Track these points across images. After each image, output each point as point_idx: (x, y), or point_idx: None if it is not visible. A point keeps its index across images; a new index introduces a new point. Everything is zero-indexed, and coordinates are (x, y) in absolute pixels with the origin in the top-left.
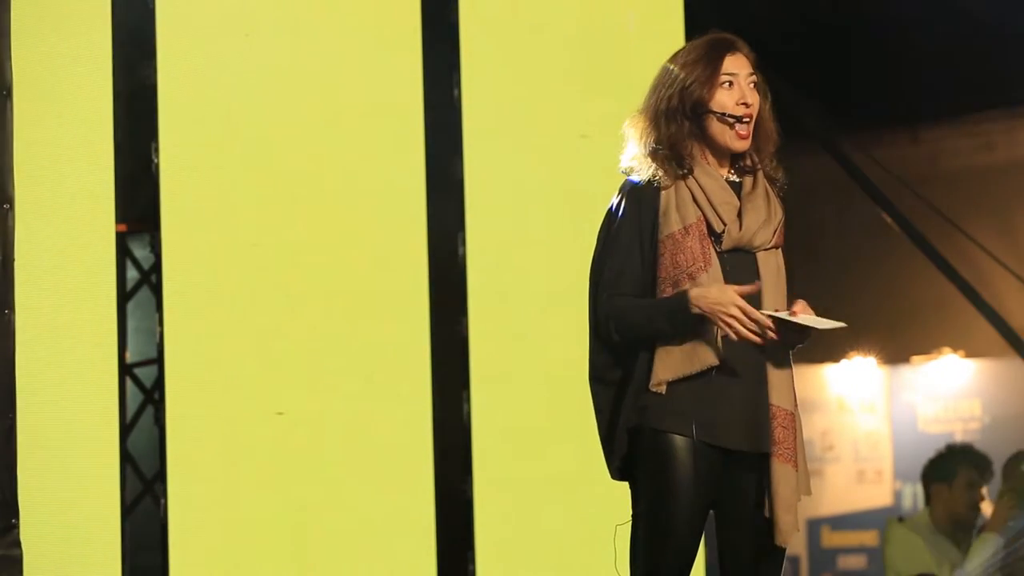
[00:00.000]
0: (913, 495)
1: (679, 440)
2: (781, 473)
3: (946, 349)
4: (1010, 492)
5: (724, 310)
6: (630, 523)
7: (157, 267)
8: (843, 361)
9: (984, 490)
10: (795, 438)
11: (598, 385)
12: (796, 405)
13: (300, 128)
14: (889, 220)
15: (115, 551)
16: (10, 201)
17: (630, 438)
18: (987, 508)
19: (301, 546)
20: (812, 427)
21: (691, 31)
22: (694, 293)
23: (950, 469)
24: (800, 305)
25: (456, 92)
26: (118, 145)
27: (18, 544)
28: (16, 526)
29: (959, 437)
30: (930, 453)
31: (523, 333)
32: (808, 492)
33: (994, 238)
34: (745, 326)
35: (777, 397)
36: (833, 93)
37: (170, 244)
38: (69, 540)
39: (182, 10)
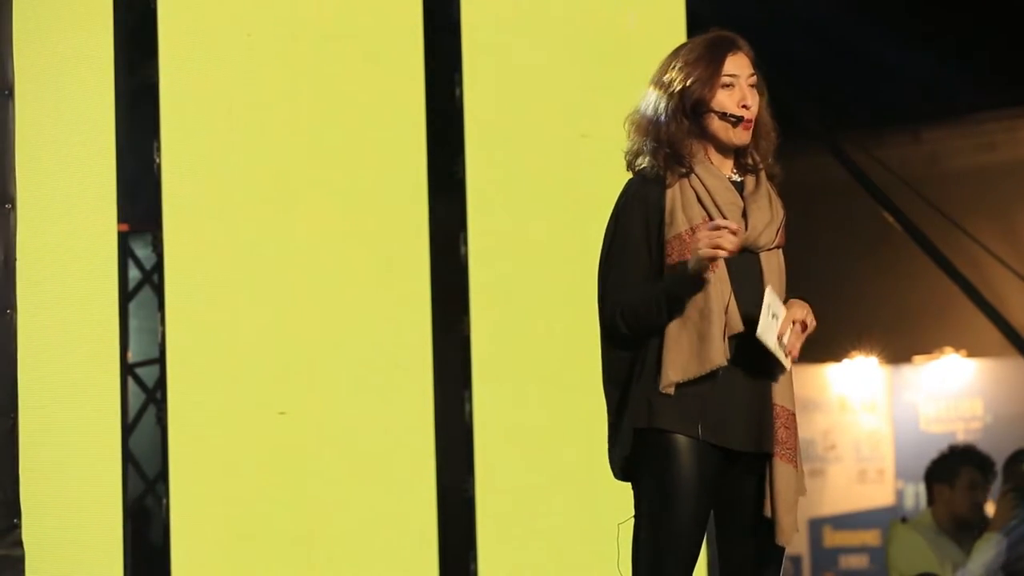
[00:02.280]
0: (915, 495)
1: (684, 441)
2: (783, 473)
3: (948, 348)
4: (1012, 492)
5: (698, 245)
6: (632, 522)
7: (159, 267)
8: (845, 361)
9: (987, 490)
10: (796, 438)
11: (611, 386)
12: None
13: (302, 127)
14: (891, 220)
15: (117, 551)
16: (12, 201)
17: (635, 438)
18: (990, 508)
19: (303, 546)
20: (814, 427)
21: (692, 30)
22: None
23: (952, 470)
24: (794, 311)
25: (457, 91)
26: (120, 145)
27: (20, 544)
28: (18, 526)
29: (961, 437)
30: (932, 453)
31: (525, 333)
32: (804, 492)
33: (995, 237)
34: (718, 241)
35: (780, 397)
36: (833, 93)
37: (172, 244)
38: (71, 540)
39: (184, 10)
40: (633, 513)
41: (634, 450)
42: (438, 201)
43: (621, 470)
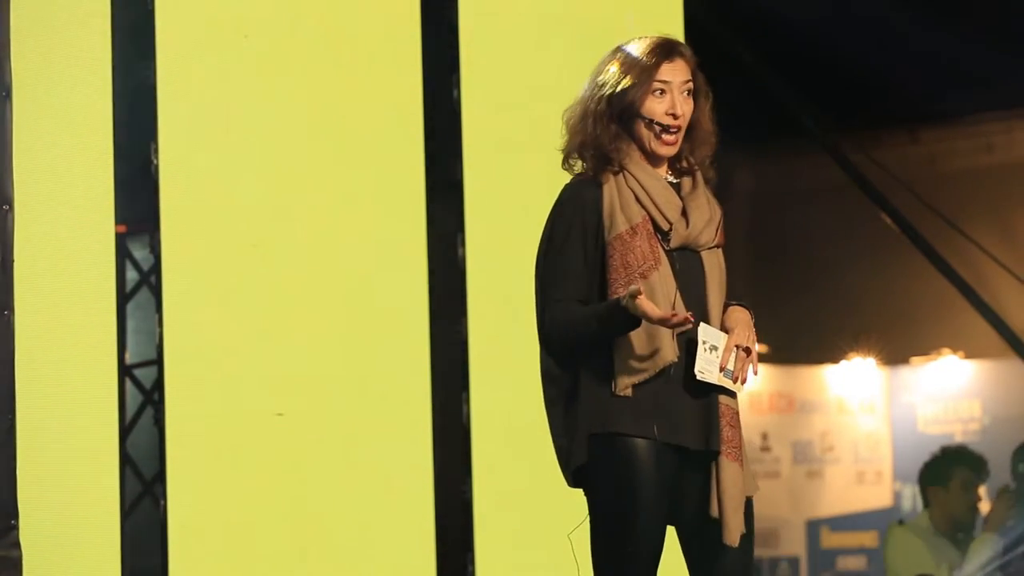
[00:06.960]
0: (913, 496)
1: (641, 443)
2: (730, 472)
3: (945, 350)
4: (1008, 492)
5: (652, 316)
6: (586, 529)
7: (157, 268)
8: (843, 362)
9: (981, 490)
10: (740, 436)
11: (552, 388)
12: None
13: (300, 129)
14: (888, 220)
15: (114, 552)
16: (9, 202)
17: (589, 444)
18: (985, 508)
19: (301, 547)
20: (812, 428)
21: (691, 30)
22: (630, 304)
23: (945, 471)
24: (737, 334)
25: (455, 93)
26: (117, 146)
27: (18, 545)
28: (16, 527)
29: (959, 438)
30: (930, 454)
31: (523, 334)
32: (754, 490)
33: (993, 239)
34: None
35: (725, 396)
36: (833, 93)
37: (170, 245)
38: (69, 541)
39: (181, 10)
40: (585, 520)
41: (589, 456)
42: (436, 203)
43: (574, 478)
